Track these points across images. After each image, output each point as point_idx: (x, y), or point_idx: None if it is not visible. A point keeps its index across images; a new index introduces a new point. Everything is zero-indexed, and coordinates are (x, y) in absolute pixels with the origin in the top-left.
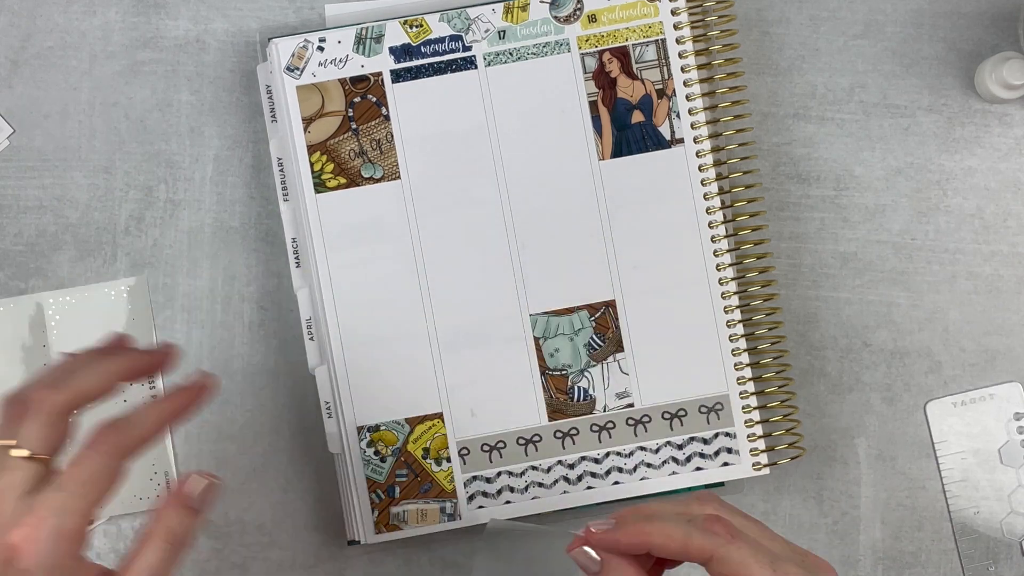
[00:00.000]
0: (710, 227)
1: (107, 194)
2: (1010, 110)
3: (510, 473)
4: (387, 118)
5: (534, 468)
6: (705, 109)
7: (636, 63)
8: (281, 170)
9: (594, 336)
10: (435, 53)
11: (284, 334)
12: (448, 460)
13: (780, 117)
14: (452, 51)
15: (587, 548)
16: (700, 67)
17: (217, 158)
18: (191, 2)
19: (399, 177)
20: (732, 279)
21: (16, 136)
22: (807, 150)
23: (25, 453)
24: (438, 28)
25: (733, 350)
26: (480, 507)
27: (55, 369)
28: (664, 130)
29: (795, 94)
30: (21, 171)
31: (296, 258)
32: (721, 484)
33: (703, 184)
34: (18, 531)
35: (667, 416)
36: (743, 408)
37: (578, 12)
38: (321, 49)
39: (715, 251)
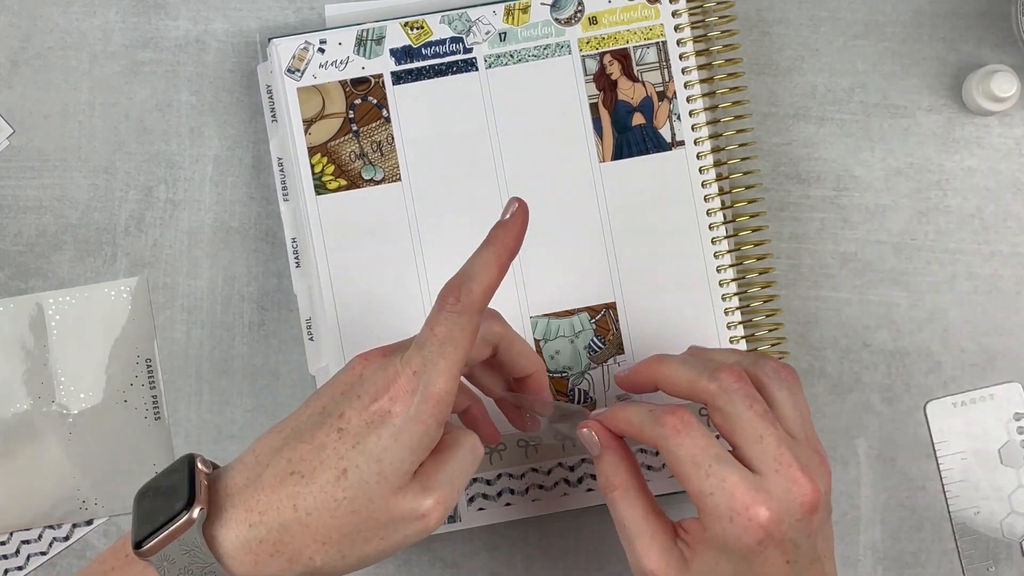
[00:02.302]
0: (710, 229)
1: (107, 194)
2: (1010, 110)
3: (510, 475)
4: (388, 120)
5: (534, 470)
6: (706, 110)
7: (637, 65)
8: (281, 170)
9: (595, 338)
10: (436, 55)
11: (284, 334)
12: None
13: (780, 117)
14: (453, 53)
15: (592, 432)
16: (700, 68)
17: (217, 158)
18: (191, 2)
19: (400, 179)
20: (732, 280)
21: (16, 136)
22: (807, 150)
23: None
24: (439, 30)
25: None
26: (480, 509)
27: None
28: (665, 132)
29: (795, 94)
30: (21, 171)
31: (296, 258)
32: None
33: (703, 186)
34: (396, 384)
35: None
36: None
37: (579, 14)
38: (322, 51)
39: (715, 253)
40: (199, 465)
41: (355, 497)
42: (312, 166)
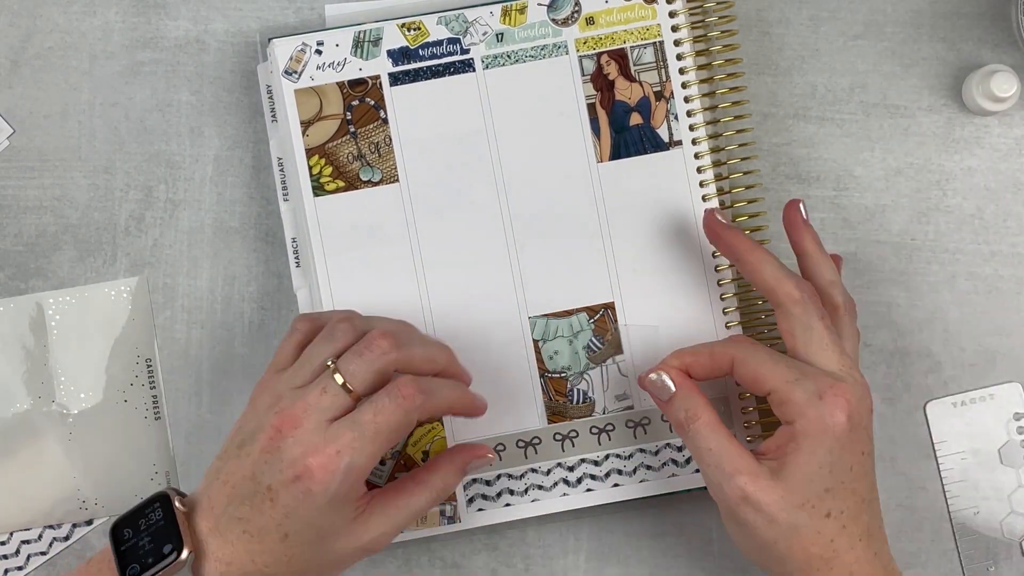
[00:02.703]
0: None
1: (107, 194)
2: (1010, 110)
3: (510, 476)
4: (385, 121)
5: (534, 471)
6: (706, 110)
7: (634, 65)
8: (281, 170)
9: (593, 338)
10: (433, 56)
11: (284, 334)
12: None
13: (780, 117)
14: (450, 54)
15: (660, 374)
16: (700, 68)
17: (217, 158)
18: (191, 2)
19: (398, 180)
20: (731, 280)
21: (16, 136)
22: (807, 150)
23: (340, 379)
24: (436, 31)
25: None
26: (480, 510)
27: (400, 324)
28: (662, 132)
29: (795, 94)
30: (21, 171)
31: (296, 258)
32: None
33: (701, 186)
34: (315, 458)
35: (667, 419)
36: (742, 409)
37: (576, 14)
38: (319, 52)
39: (714, 252)
40: (177, 504)
41: (302, 552)
42: (310, 167)
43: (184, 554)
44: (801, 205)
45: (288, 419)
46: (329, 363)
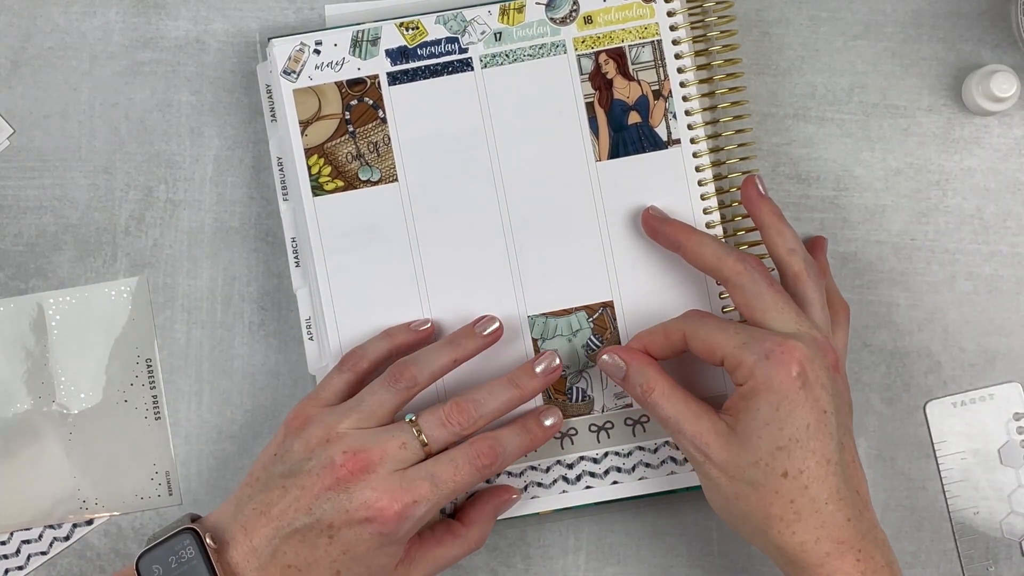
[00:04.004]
0: (708, 227)
1: (107, 194)
2: (1010, 110)
3: (509, 473)
4: (384, 121)
5: (533, 468)
6: (705, 110)
7: (632, 64)
8: (281, 170)
9: (592, 337)
10: (431, 55)
11: (284, 334)
12: None
13: (780, 117)
14: (448, 53)
15: (612, 355)
16: (700, 68)
17: (217, 158)
18: (191, 2)
19: (396, 179)
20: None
21: (16, 136)
22: (807, 150)
23: (424, 440)
24: (434, 30)
25: None
26: None
27: (481, 389)
28: (660, 131)
29: (795, 94)
30: (21, 171)
31: (296, 258)
32: None
33: (700, 184)
34: (392, 504)
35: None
36: None
37: (574, 13)
38: (317, 52)
39: None
40: (208, 541)
41: None
42: (309, 167)
43: None
44: (758, 179)
45: (362, 463)
46: (409, 418)
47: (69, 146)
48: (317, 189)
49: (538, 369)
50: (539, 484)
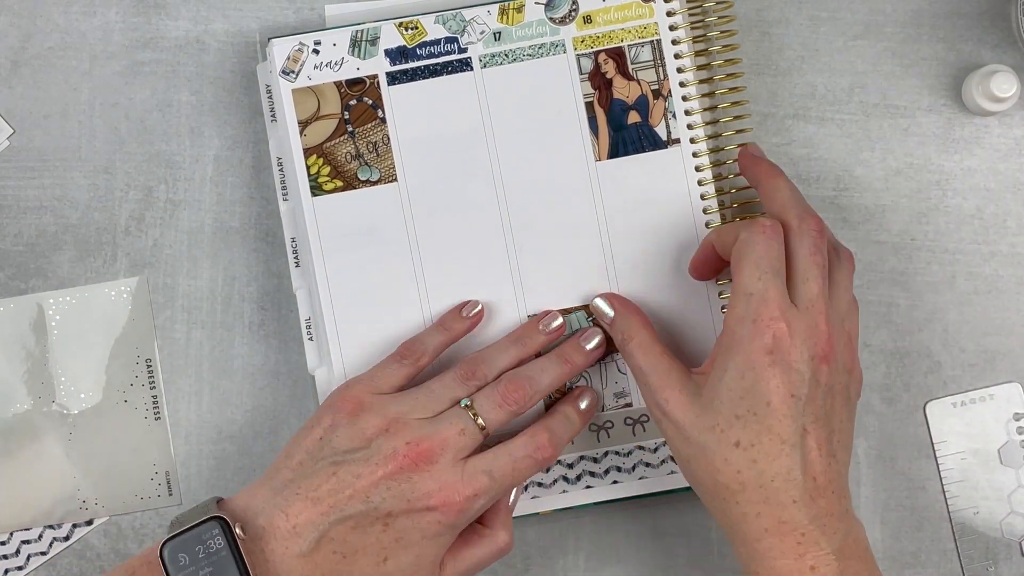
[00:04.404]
0: (707, 227)
1: (107, 194)
2: (1010, 110)
3: None
4: (383, 120)
5: None
6: (705, 110)
7: (632, 64)
8: (281, 169)
9: None
10: (431, 55)
11: (284, 334)
12: None
13: (780, 117)
14: (448, 53)
15: (604, 299)
16: (700, 68)
17: (217, 158)
18: (191, 2)
19: (396, 180)
20: (729, 279)
21: (16, 136)
22: (807, 150)
23: (481, 423)
24: (433, 30)
25: None
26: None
27: (533, 367)
28: (660, 130)
29: (795, 94)
30: (21, 171)
31: (296, 258)
32: None
33: (700, 184)
34: (453, 496)
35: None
36: None
37: (573, 13)
38: (316, 52)
39: None
40: (237, 531)
41: None
42: (308, 167)
43: None
44: (752, 147)
45: (425, 453)
46: (465, 403)
47: (69, 146)
48: (316, 189)
49: (588, 346)
50: (539, 484)
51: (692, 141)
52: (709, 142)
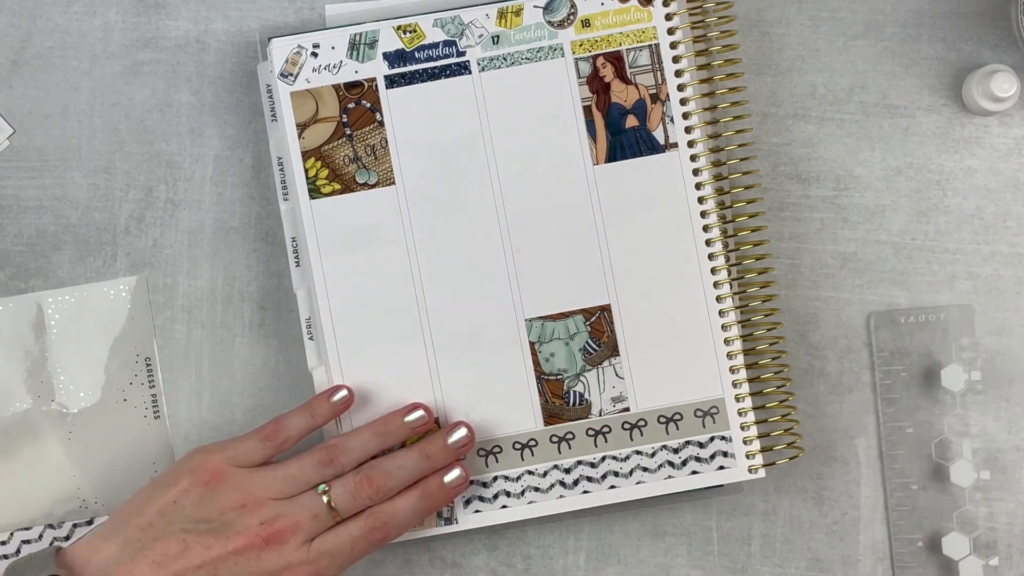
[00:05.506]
0: (705, 231)
1: (107, 194)
2: (1010, 110)
3: (506, 478)
4: (381, 123)
5: (530, 473)
6: (705, 110)
7: (630, 68)
8: (281, 169)
9: (589, 340)
10: (429, 58)
11: (284, 334)
12: None
13: (780, 117)
14: (446, 56)
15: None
16: (700, 68)
17: (217, 158)
18: (191, 2)
19: (394, 183)
20: (728, 282)
21: (16, 136)
22: (807, 150)
23: (335, 508)
24: (432, 33)
25: (729, 353)
26: (476, 511)
27: (392, 461)
28: (658, 134)
29: (795, 94)
30: (21, 171)
31: (296, 258)
32: (720, 486)
33: (698, 188)
34: (289, 574)
35: (663, 420)
36: (738, 411)
37: (572, 17)
38: (315, 55)
39: (710, 254)
40: None
41: None
42: (306, 170)
43: None
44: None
45: (277, 535)
46: (322, 489)
47: (69, 146)
48: (314, 192)
49: (450, 441)
50: (536, 489)
51: (690, 145)
52: (708, 143)
